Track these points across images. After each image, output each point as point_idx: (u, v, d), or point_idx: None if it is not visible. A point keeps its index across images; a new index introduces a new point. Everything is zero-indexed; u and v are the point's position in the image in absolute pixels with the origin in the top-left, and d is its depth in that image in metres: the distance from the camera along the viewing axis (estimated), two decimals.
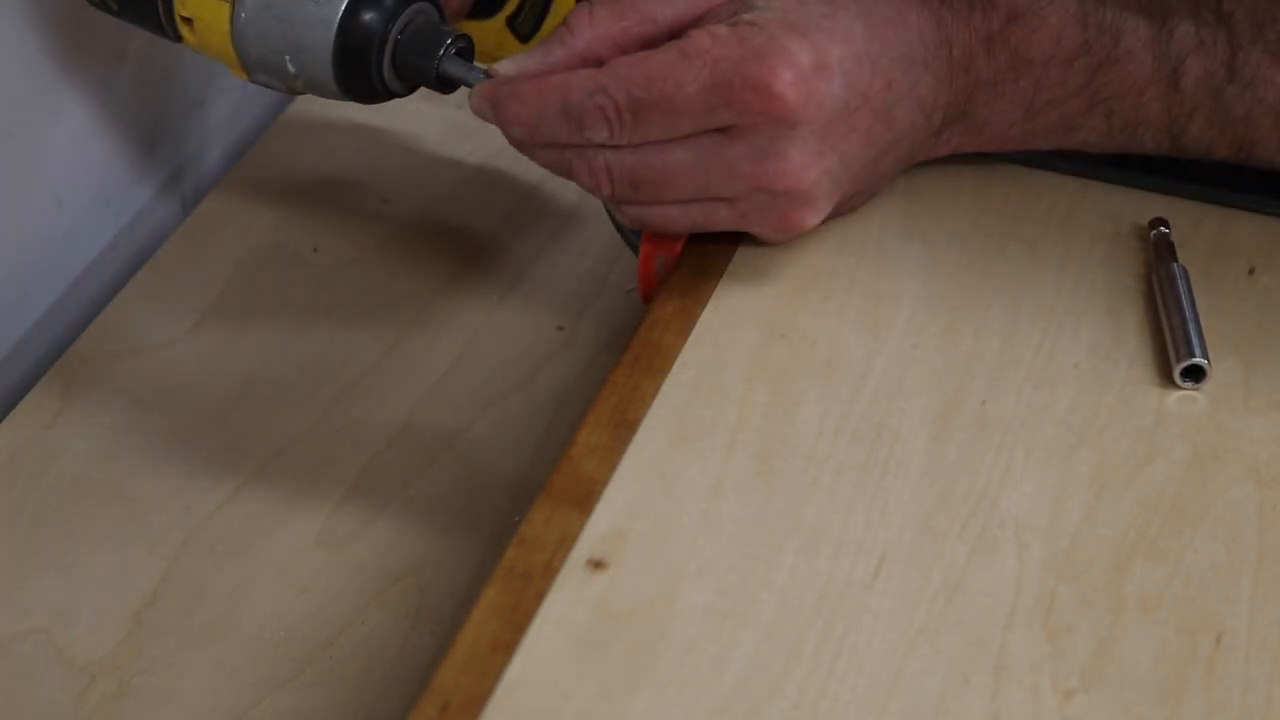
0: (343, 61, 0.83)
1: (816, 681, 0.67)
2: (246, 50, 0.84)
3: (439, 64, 0.83)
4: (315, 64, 0.83)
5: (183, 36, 0.85)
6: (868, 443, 0.76)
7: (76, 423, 0.90)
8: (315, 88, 0.84)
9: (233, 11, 0.83)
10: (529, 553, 0.70)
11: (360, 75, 0.83)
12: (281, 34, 0.83)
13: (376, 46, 0.83)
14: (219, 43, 0.85)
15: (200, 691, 0.79)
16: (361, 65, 0.83)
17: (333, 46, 0.82)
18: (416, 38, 0.83)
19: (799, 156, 0.79)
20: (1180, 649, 0.69)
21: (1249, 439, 0.77)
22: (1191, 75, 0.82)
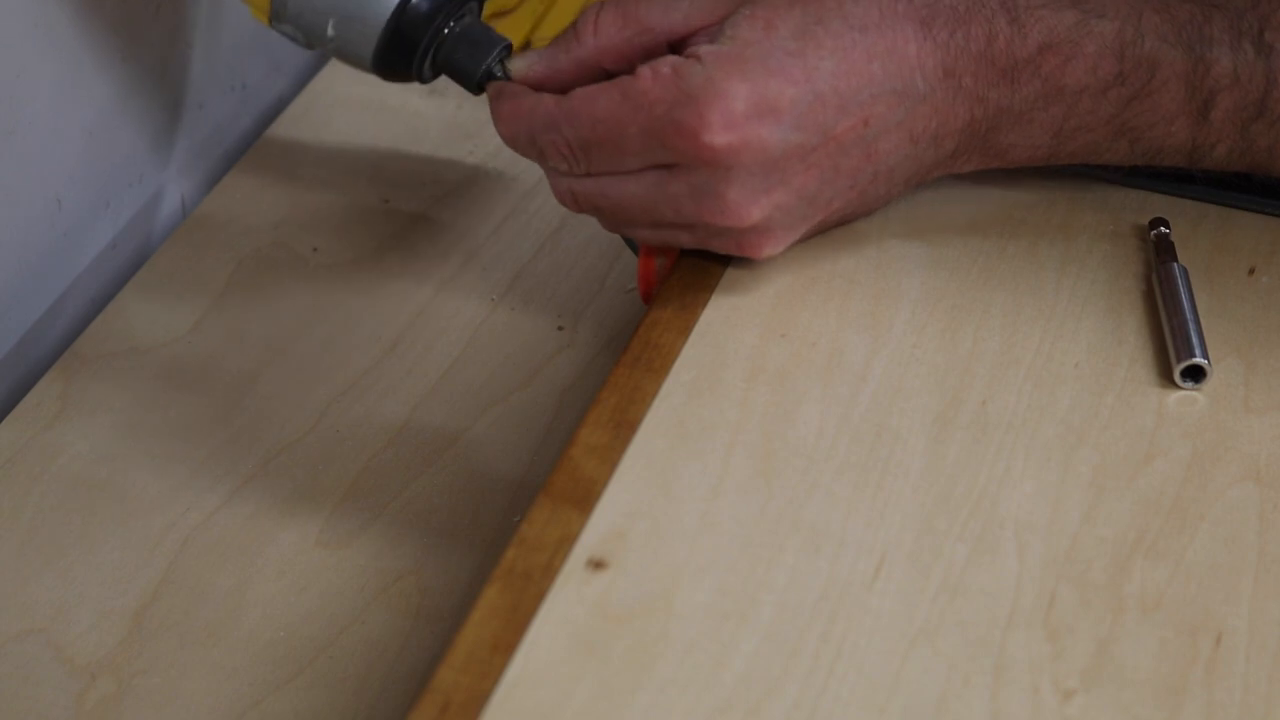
0: (390, 42, 0.81)
1: (816, 681, 0.67)
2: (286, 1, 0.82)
3: (487, 66, 0.83)
4: (360, 36, 0.81)
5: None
6: (868, 443, 0.76)
7: (76, 422, 0.90)
8: (345, 55, 0.82)
9: None
10: (529, 553, 0.70)
11: (402, 58, 0.82)
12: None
13: (429, 36, 0.82)
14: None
15: (200, 691, 0.79)
16: (408, 50, 0.82)
17: (386, 25, 0.81)
18: (467, 36, 0.83)
19: (737, 196, 0.79)
20: (1180, 649, 0.69)
21: (1249, 439, 0.77)
22: (1222, 109, 0.82)
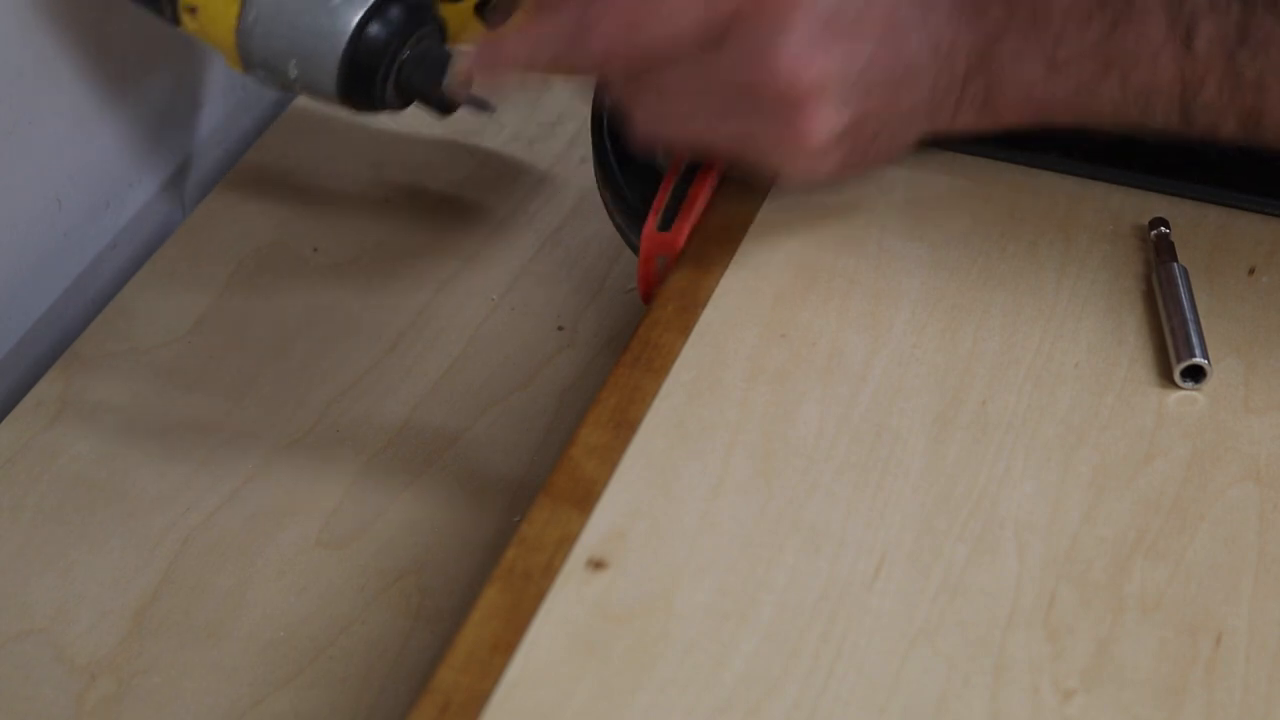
0: (349, 73, 0.83)
1: (816, 681, 0.67)
2: (249, 48, 0.84)
3: (443, 86, 0.84)
4: (320, 72, 0.83)
5: (182, 22, 0.85)
6: (868, 443, 0.76)
7: (76, 422, 0.90)
8: (313, 93, 0.85)
9: (241, 10, 0.83)
10: (529, 553, 0.70)
11: (363, 88, 0.84)
12: (290, 39, 0.83)
13: (385, 63, 0.83)
14: (221, 36, 0.84)
15: (200, 691, 0.79)
16: (366, 79, 0.83)
17: (341, 58, 0.83)
18: (424, 58, 0.84)
19: (794, 47, 0.76)
20: (1180, 649, 0.69)
21: (1249, 439, 0.77)
22: (1204, 36, 0.81)
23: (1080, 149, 0.89)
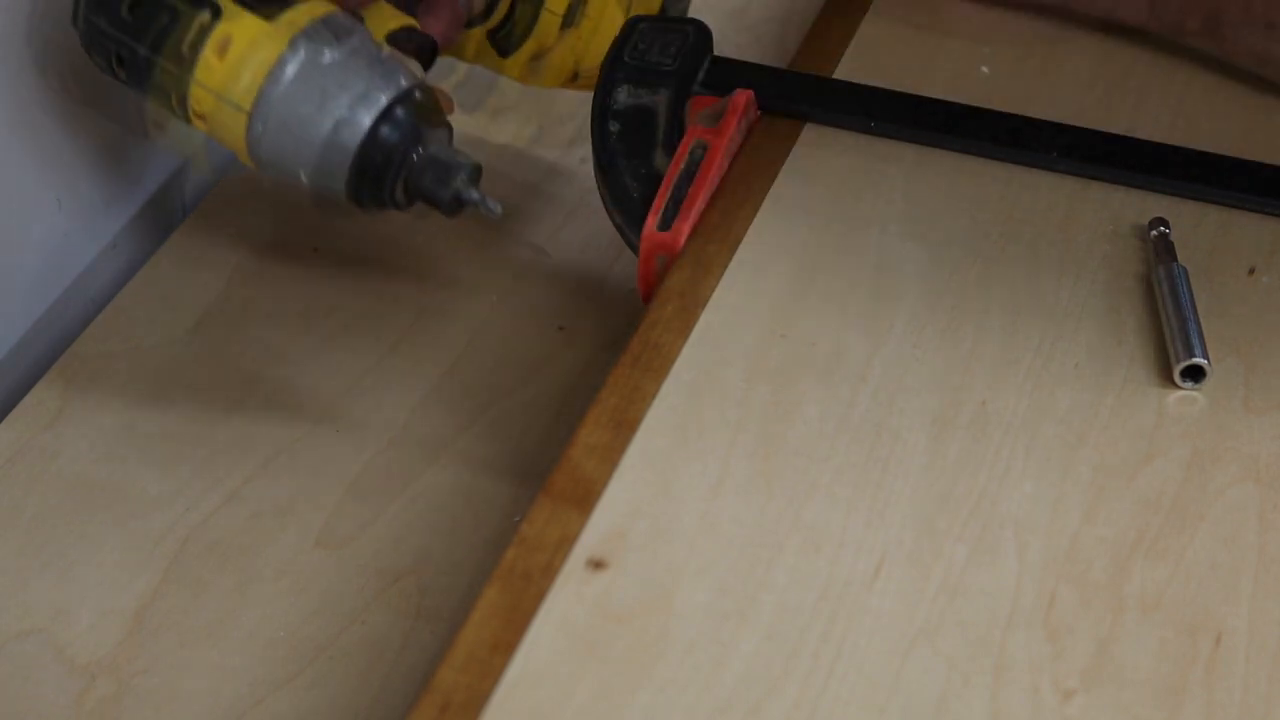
0: (359, 181, 0.83)
1: (816, 681, 0.67)
2: (259, 155, 0.83)
3: (453, 190, 0.83)
4: (330, 180, 0.83)
5: (193, 123, 0.85)
6: (868, 443, 0.76)
7: (76, 423, 0.90)
8: (324, 195, 0.84)
9: (249, 123, 0.83)
10: (529, 553, 0.70)
11: (373, 191, 0.83)
12: (299, 150, 0.82)
13: (394, 170, 0.83)
14: (232, 141, 0.84)
15: (200, 691, 0.79)
16: (377, 183, 0.83)
17: (350, 168, 0.82)
18: (433, 163, 0.83)
19: None
20: (1180, 649, 0.69)
21: (1249, 439, 0.77)
22: None
23: (1080, 149, 0.89)
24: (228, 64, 0.82)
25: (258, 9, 0.83)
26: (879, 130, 0.91)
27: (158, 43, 0.84)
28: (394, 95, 0.82)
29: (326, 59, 0.82)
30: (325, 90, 0.82)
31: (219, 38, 0.83)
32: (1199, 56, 0.99)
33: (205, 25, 0.83)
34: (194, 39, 0.83)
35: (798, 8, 1.11)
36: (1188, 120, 0.95)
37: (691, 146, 0.87)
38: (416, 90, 0.83)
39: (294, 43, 0.82)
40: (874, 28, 1.01)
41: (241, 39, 0.82)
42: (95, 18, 0.85)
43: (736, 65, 0.93)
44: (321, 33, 0.83)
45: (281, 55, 0.82)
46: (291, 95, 0.82)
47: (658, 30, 0.93)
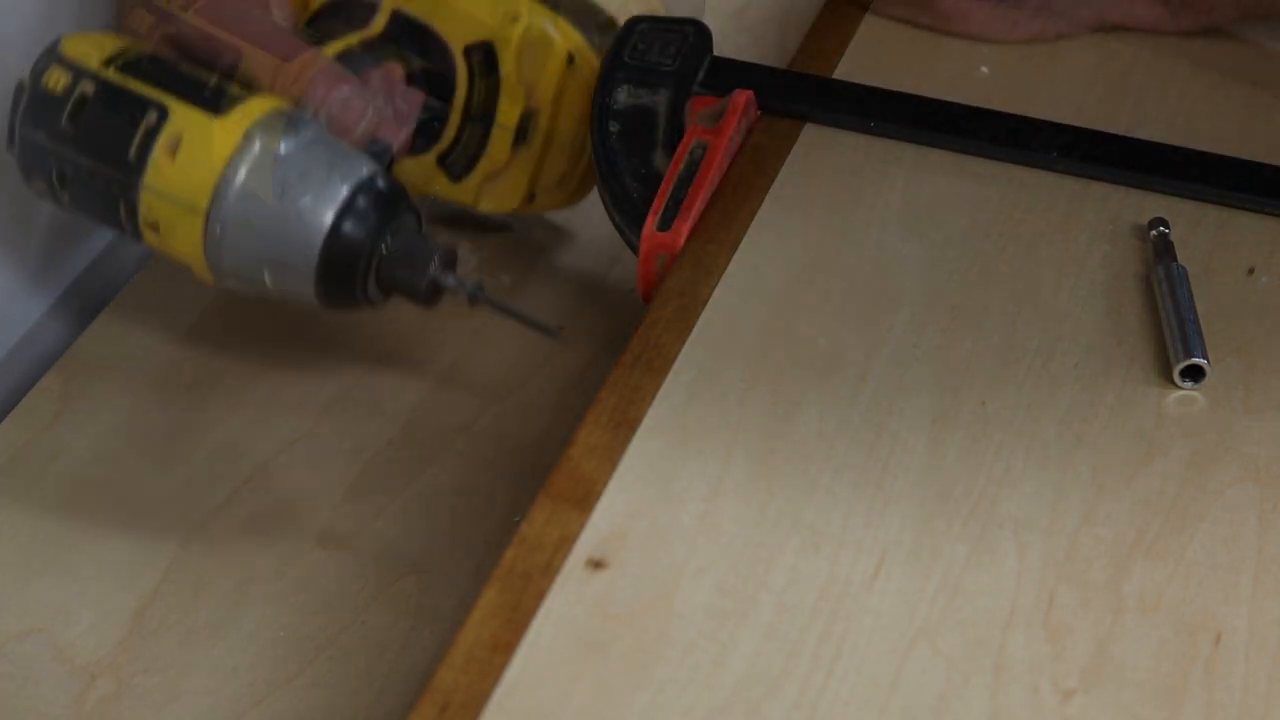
0: (326, 277, 0.80)
1: (816, 681, 0.67)
2: (218, 261, 0.80)
3: (429, 278, 0.81)
4: (296, 278, 0.80)
5: (144, 238, 0.82)
6: (868, 443, 0.76)
7: (77, 423, 0.90)
8: (291, 298, 0.81)
9: (206, 225, 0.79)
10: (529, 553, 0.70)
11: (343, 290, 0.80)
12: (260, 249, 0.79)
13: (363, 263, 0.80)
14: (187, 250, 0.81)
15: (200, 691, 0.79)
16: (346, 280, 0.80)
17: (317, 264, 0.79)
18: (403, 251, 0.80)
19: None
20: (1180, 649, 0.69)
21: (1249, 439, 0.77)
22: None
23: (1080, 149, 0.89)
24: (179, 164, 0.79)
25: (206, 105, 0.80)
26: (879, 130, 0.91)
27: (103, 150, 0.81)
28: (355, 184, 0.79)
29: (283, 150, 0.79)
30: (286, 181, 0.79)
31: (168, 137, 0.80)
32: (1199, 56, 0.99)
33: (152, 127, 0.80)
34: (141, 142, 0.80)
35: (798, 8, 1.11)
36: (1188, 120, 0.95)
37: (691, 147, 0.87)
38: (378, 178, 0.80)
39: (248, 135, 0.79)
40: (874, 28, 1.01)
41: (192, 136, 0.79)
42: (34, 133, 0.82)
43: (736, 65, 0.93)
44: (276, 124, 0.80)
45: (236, 148, 0.79)
46: (250, 190, 0.79)
47: (658, 30, 0.93)
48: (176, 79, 0.81)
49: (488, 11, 0.92)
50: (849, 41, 0.99)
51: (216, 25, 0.83)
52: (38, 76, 0.82)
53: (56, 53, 0.83)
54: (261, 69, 0.82)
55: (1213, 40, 1.00)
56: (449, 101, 0.93)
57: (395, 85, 0.87)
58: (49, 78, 0.82)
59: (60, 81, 0.82)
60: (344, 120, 0.82)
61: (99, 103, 0.81)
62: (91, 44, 0.83)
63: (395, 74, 0.87)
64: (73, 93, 0.81)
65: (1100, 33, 1.01)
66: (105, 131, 0.81)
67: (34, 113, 0.82)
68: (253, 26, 0.83)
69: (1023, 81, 0.97)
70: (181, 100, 0.80)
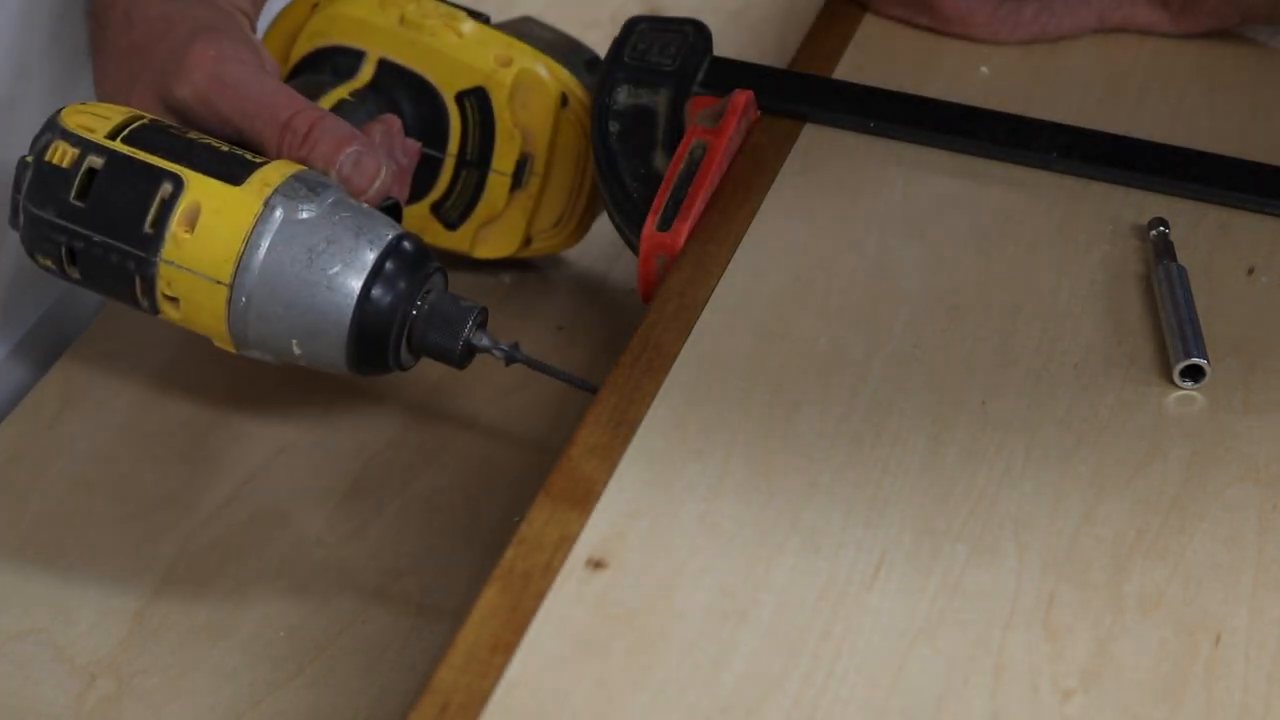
0: (358, 345, 0.78)
1: (816, 681, 0.67)
2: (243, 331, 0.78)
3: (464, 341, 0.79)
4: (327, 347, 0.77)
5: (162, 311, 0.79)
6: (868, 443, 0.76)
7: (77, 422, 0.90)
8: (320, 365, 0.79)
9: (230, 297, 0.77)
10: (529, 553, 0.70)
11: (375, 356, 0.78)
12: (289, 319, 0.77)
13: (395, 329, 0.78)
14: (209, 322, 0.78)
15: (200, 691, 0.79)
16: (378, 348, 0.78)
17: (348, 332, 0.77)
18: (435, 315, 0.79)
19: None
20: (1180, 649, 0.69)
21: (1249, 439, 0.77)
22: None
23: (1080, 149, 0.89)
24: (199, 236, 0.77)
25: (222, 174, 0.77)
26: (879, 130, 0.91)
27: (116, 224, 0.78)
28: (383, 248, 0.77)
29: (305, 215, 0.77)
30: (312, 248, 0.77)
31: (186, 209, 0.77)
32: (1199, 56, 0.99)
33: (168, 198, 0.77)
34: (157, 214, 0.77)
35: (798, 8, 1.11)
36: (1188, 120, 0.95)
37: (691, 147, 0.87)
38: (405, 239, 0.78)
39: (269, 203, 0.77)
40: (874, 28, 1.01)
41: (210, 207, 0.77)
42: (41, 211, 0.79)
43: (736, 65, 0.93)
44: (297, 189, 0.77)
45: (258, 217, 0.77)
46: (275, 259, 0.76)
47: (657, 30, 0.93)
48: (188, 148, 0.79)
49: (478, 57, 0.91)
50: (849, 41, 0.99)
51: (218, 92, 0.81)
52: (41, 151, 0.80)
53: (58, 126, 0.80)
54: (266, 130, 0.80)
55: (1213, 40, 1.00)
56: (441, 149, 0.92)
57: (395, 137, 0.85)
58: (53, 152, 0.79)
59: (66, 155, 0.79)
60: (356, 181, 0.80)
61: (110, 175, 0.78)
62: (94, 115, 0.80)
63: (394, 126, 0.86)
64: (80, 166, 0.78)
65: (1100, 33, 1.01)
66: (118, 205, 0.78)
67: (40, 188, 0.79)
68: (253, 88, 0.81)
69: (1023, 81, 0.97)
70: (196, 170, 0.78)
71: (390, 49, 0.91)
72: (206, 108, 0.81)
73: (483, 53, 0.91)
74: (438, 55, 0.91)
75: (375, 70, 0.91)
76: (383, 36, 0.91)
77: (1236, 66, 0.99)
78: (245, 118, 0.80)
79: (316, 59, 0.92)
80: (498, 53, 0.91)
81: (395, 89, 0.91)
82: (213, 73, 0.81)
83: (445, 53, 0.91)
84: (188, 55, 0.81)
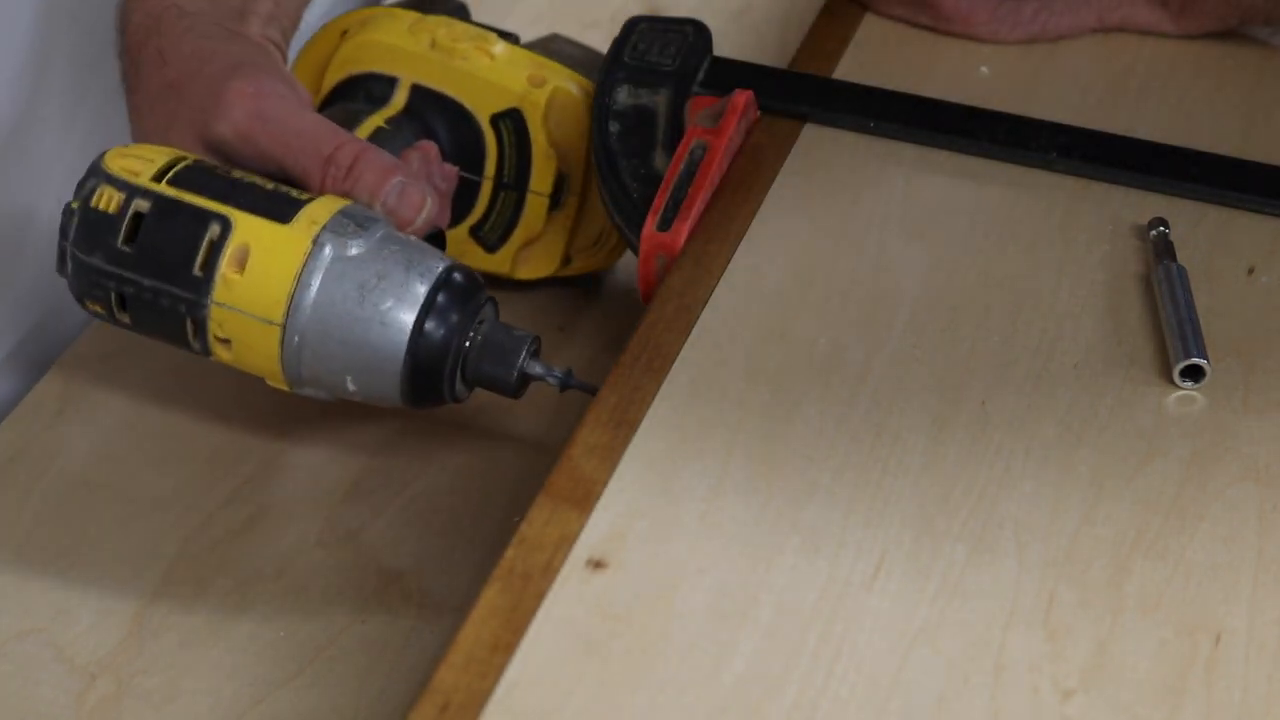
0: (413, 380, 0.78)
1: (816, 681, 0.67)
2: (297, 371, 0.78)
3: (518, 371, 0.79)
4: (381, 383, 0.77)
5: (214, 353, 0.79)
6: (867, 443, 0.76)
7: (77, 422, 0.90)
8: (375, 401, 0.79)
9: (283, 336, 0.77)
10: (529, 553, 0.70)
11: (430, 390, 0.78)
12: (342, 357, 0.77)
13: (450, 362, 0.78)
14: (262, 363, 0.78)
15: (200, 691, 0.79)
16: (433, 382, 0.78)
17: (402, 367, 0.77)
18: (489, 346, 0.79)
19: None
20: (1180, 649, 0.69)
21: (1249, 439, 0.77)
22: None
23: (1080, 149, 0.89)
24: (249, 277, 0.76)
25: (270, 213, 0.77)
26: (879, 130, 0.91)
27: (165, 268, 0.77)
28: (434, 281, 0.77)
29: (354, 251, 0.77)
30: (363, 284, 0.76)
31: (235, 250, 0.77)
32: (1199, 56, 0.99)
33: (216, 240, 0.77)
34: (206, 256, 0.77)
35: (798, 8, 1.11)
36: (1188, 120, 0.95)
37: (691, 147, 0.87)
38: (455, 270, 0.78)
39: (318, 240, 0.76)
40: (874, 28, 1.01)
41: (260, 247, 0.77)
42: (89, 257, 0.79)
43: (736, 65, 0.93)
44: (345, 225, 0.77)
45: (308, 255, 0.76)
46: (327, 297, 0.76)
47: (658, 30, 0.93)
48: (233, 187, 0.78)
49: (511, 78, 0.91)
50: (849, 41, 0.99)
51: (259, 129, 0.80)
52: (87, 197, 0.79)
53: (102, 170, 0.79)
54: (309, 165, 0.80)
55: (1213, 40, 1.00)
56: (478, 172, 0.92)
57: (434, 164, 0.85)
58: (99, 197, 0.79)
59: (112, 200, 0.78)
60: (403, 212, 0.80)
61: (157, 219, 0.78)
62: (137, 158, 0.79)
63: (432, 153, 0.85)
64: (127, 211, 0.78)
65: (1100, 33, 1.01)
66: (166, 248, 0.77)
67: (87, 235, 0.79)
68: (294, 122, 0.81)
69: (1023, 81, 0.97)
70: (244, 210, 0.77)
71: (423, 74, 0.91)
72: (248, 145, 0.81)
73: (515, 74, 0.91)
74: (471, 78, 0.91)
75: (409, 96, 0.91)
76: (415, 62, 0.91)
77: (1236, 66, 0.99)
78: (288, 153, 0.80)
79: (349, 87, 0.92)
80: (530, 73, 0.91)
81: (429, 114, 0.91)
82: (252, 109, 0.80)
83: (478, 75, 0.91)
84: (225, 92, 0.81)
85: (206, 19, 0.83)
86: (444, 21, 0.92)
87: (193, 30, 0.83)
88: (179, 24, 0.83)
